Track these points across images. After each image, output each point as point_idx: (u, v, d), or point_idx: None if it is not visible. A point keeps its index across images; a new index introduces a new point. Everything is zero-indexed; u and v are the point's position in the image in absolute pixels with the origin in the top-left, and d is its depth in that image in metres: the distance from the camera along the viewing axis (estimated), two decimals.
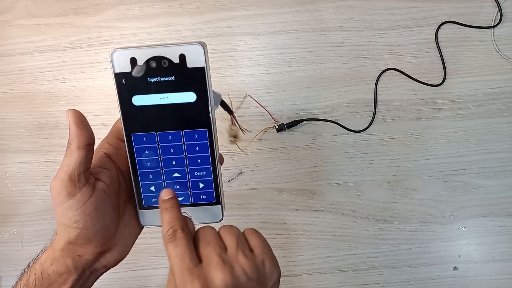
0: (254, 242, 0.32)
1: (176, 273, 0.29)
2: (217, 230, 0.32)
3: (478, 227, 0.64)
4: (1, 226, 0.66)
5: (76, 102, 0.64)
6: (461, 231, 0.64)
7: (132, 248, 0.37)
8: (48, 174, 0.65)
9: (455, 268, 0.64)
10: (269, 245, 0.32)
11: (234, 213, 0.64)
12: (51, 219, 0.65)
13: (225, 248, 0.31)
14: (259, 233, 0.33)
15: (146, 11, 0.64)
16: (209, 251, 0.30)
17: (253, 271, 0.30)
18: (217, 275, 0.28)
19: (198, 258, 0.30)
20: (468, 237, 0.64)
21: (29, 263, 0.35)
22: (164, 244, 0.30)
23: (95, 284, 0.36)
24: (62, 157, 0.68)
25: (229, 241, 0.31)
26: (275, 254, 0.32)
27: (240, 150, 0.62)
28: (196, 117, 0.33)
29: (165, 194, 0.32)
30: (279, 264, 0.32)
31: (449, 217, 0.64)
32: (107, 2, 0.64)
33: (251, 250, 0.31)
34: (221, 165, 0.36)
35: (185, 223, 0.32)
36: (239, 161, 0.64)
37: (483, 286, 0.64)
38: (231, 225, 0.33)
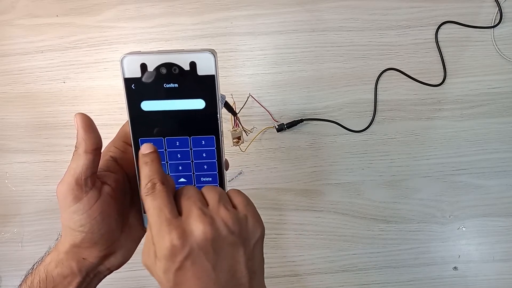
0: (237, 199, 0.31)
1: (153, 224, 0.28)
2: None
3: (478, 227, 0.64)
4: (1, 226, 0.66)
5: (76, 102, 0.64)
6: (461, 231, 0.64)
7: None
8: (48, 174, 0.65)
9: (455, 268, 0.64)
10: (253, 203, 0.32)
11: None
12: (51, 219, 0.65)
13: (206, 204, 0.30)
14: (242, 192, 0.32)
15: (146, 11, 0.64)
16: (189, 204, 0.29)
17: (235, 224, 0.29)
18: (197, 225, 0.27)
19: (178, 212, 0.29)
20: (468, 237, 0.64)
21: (33, 265, 0.35)
22: (142, 198, 0.29)
23: None
24: (62, 157, 0.68)
25: (211, 197, 0.30)
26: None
27: (241, 151, 0.62)
28: (204, 124, 0.33)
29: (145, 148, 0.31)
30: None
31: (449, 217, 0.64)
32: (107, 2, 0.64)
33: (234, 207, 0.30)
34: (226, 170, 0.36)
35: (165, 177, 0.30)
36: (239, 161, 0.64)
37: (483, 286, 0.64)
38: (214, 185, 0.32)
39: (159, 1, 0.64)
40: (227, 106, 0.46)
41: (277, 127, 0.63)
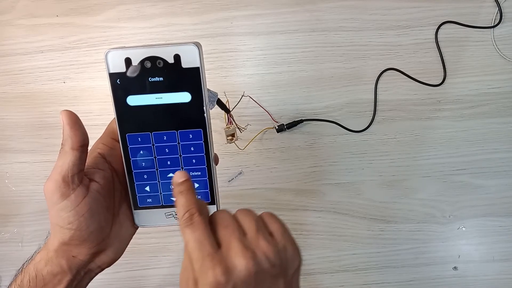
0: (273, 226, 0.31)
1: (195, 258, 0.28)
2: (232, 214, 0.31)
3: (478, 227, 0.64)
4: (1, 226, 0.66)
5: (76, 102, 0.64)
6: (461, 231, 0.64)
7: (132, 248, 0.37)
8: (48, 174, 0.65)
9: (455, 268, 0.64)
10: (289, 230, 0.31)
11: None
12: None
13: (244, 233, 0.29)
14: (277, 217, 0.32)
15: (146, 11, 0.64)
16: (228, 236, 0.29)
17: (276, 256, 0.28)
18: (239, 261, 0.27)
19: (216, 243, 0.29)
20: (468, 237, 0.64)
21: (23, 264, 0.35)
22: (181, 229, 0.29)
23: (95, 284, 0.36)
24: None
25: (248, 225, 0.30)
26: None
27: (240, 150, 0.62)
28: (191, 117, 0.33)
29: (179, 176, 0.31)
30: None
31: (449, 217, 0.64)
32: (107, 2, 0.64)
33: (270, 234, 0.30)
34: (216, 165, 0.36)
35: (201, 206, 0.30)
36: (239, 161, 0.64)
37: (483, 286, 0.64)
38: (248, 209, 0.32)
39: (159, 1, 0.64)
40: (220, 103, 0.46)
41: (277, 128, 0.63)
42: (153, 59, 0.31)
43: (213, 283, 0.26)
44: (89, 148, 0.33)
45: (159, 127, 0.33)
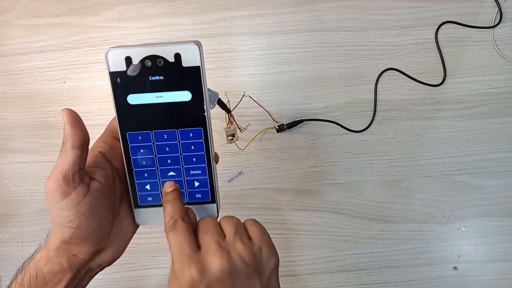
0: (253, 230, 0.33)
1: (175, 260, 0.30)
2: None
3: (478, 227, 0.64)
4: (1, 226, 0.66)
5: (76, 102, 0.64)
6: (461, 231, 0.64)
7: (132, 248, 0.37)
8: (48, 174, 0.65)
9: (455, 268, 0.64)
10: (268, 234, 0.33)
11: (234, 213, 0.64)
12: None
13: (224, 236, 0.31)
14: (258, 222, 0.33)
15: (146, 11, 0.64)
16: (207, 238, 0.30)
17: (250, 257, 0.30)
18: (214, 260, 0.29)
19: (197, 246, 0.30)
20: (468, 237, 0.64)
21: (23, 263, 0.35)
22: (166, 234, 0.31)
23: (95, 284, 0.36)
24: None
25: (228, 229, 0.32)
26: None
27: (240, 150, 0.62)
28: (192, 116, 0.33)
29: (168, 186, 0.33)
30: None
31: (449, 217, 0.64)
32: (107, 2, 0.64)
33: (249, 238, 0.32)
34: (216, 163, 0.36)
35: (186, 213, 0.33)
36: (239, 161, 0.64)
37: (483, 286, 0.64)
38: (231, 216, 0.34)
39: (159, 1, 0.64)
40: (221, 103, 0.46)
41: (277, 127, 0.63)
42: (153, 58, 0.31)
43: (189, 281, 0.28)
44: (90, 147, 0.33)
45: (160, 126, 0.33)
